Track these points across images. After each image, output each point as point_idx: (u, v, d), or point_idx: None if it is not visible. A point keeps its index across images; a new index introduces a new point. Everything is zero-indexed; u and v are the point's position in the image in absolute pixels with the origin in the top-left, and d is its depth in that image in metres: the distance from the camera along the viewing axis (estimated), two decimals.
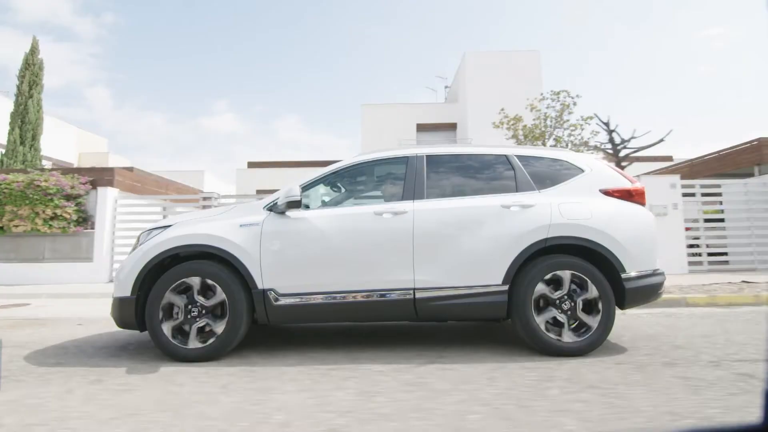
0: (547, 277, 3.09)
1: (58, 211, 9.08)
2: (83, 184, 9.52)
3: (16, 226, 9.12)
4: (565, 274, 3.09)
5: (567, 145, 11.05)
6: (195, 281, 3.12)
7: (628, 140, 6.50)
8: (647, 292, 3.22)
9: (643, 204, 3.39)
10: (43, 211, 9.00)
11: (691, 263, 8.91)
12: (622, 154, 6.70)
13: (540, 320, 3.04)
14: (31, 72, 15.06)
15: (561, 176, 3.38)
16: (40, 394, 2.45)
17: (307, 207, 3.39)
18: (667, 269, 8.18)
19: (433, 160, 3.46)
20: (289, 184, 3.33)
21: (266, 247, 3.16)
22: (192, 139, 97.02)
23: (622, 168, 6.47)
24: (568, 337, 3.04)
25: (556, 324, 3.06)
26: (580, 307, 3.06)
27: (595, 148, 6.85)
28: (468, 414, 2.05)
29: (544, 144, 11.29)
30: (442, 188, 3.37)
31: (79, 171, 9.92)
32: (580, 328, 3.07)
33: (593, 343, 3.04)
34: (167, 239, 3.20)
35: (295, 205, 3.19)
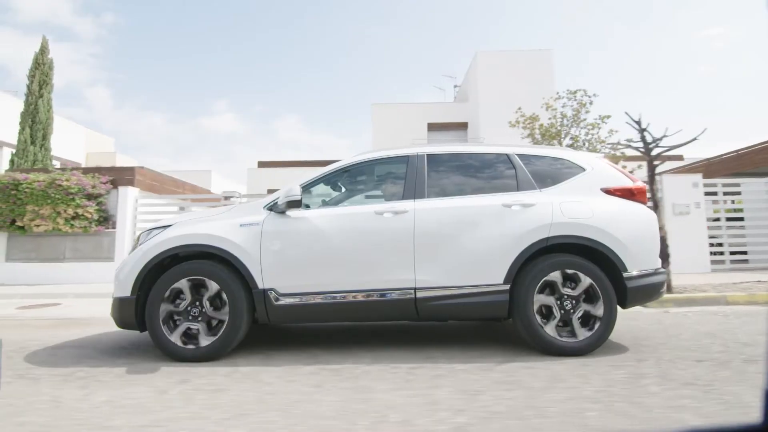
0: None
1: (80, 211, 9.03)
2: (104, 183, 9.47)
3: (38, 225, 9.06)
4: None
5: (584, 144, 11.07)
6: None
7: (660, 139, 6.50)
8: (649, 291, 3.21)
9: (644, 203, 3.39)
10: (65, 211, 8.95)
11: (713, 262, 8.95)
12: (653, 153, 6.72)
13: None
14: (41, 71, 14.90)
15: (562, 175, 3.37)
16: (132, 395, 2.44)
17: (307, 206, 3.36)
18: (689, 268, 8.29)
19: (434, 159, 3.44)
20: (289, 183, 3.32)
21: (266, 247, 3.15)
22: (192, 139, 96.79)
23: (654, 167, 6.47)
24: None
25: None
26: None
27: (627, 146, 6.85)
28: (584, 411, 2.06)
29: (560, 143, 11.30)
30: (443, 187, 3.35)
31: (100, 170, 9.86)
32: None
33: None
34: (167, 239, 3.19)
35: (295, 204, 3.17)
